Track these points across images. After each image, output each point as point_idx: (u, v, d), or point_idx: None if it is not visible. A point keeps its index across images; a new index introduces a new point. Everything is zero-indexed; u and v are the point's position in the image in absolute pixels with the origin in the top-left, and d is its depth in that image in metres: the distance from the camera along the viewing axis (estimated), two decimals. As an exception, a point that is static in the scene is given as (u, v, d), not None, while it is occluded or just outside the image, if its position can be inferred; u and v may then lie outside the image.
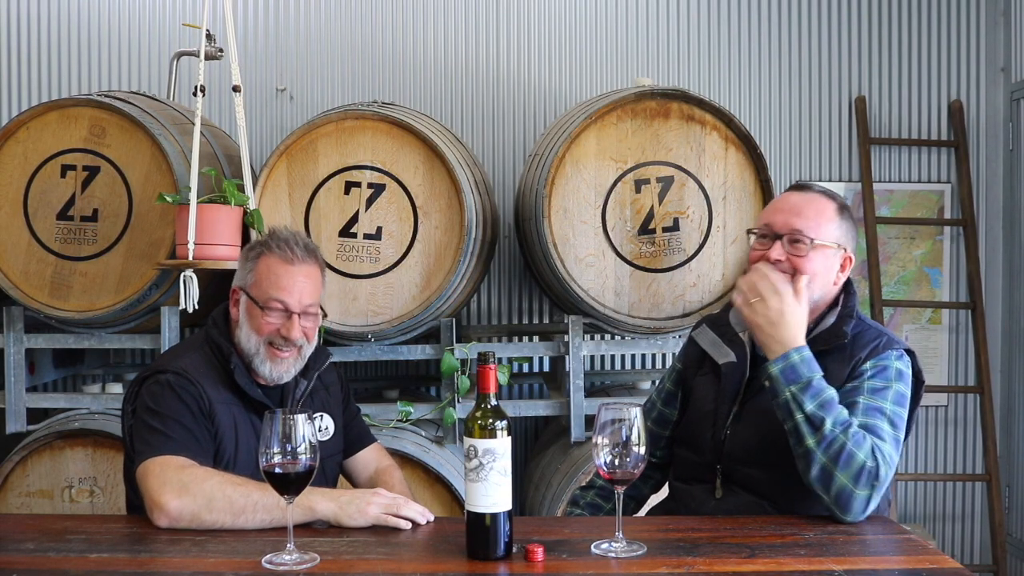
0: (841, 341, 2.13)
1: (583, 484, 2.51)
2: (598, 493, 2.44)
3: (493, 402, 1.77)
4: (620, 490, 1.82)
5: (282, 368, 2.25)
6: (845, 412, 1.98)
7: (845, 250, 2.19)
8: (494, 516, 1.75)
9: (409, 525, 1.98)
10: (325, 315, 2.37)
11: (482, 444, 1.74)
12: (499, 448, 1.74)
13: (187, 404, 2.13)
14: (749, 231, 2.27)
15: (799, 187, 2.26)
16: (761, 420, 2.12)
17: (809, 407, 1.96)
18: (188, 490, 1.95)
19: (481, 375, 1.79)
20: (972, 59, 4.32)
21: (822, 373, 2.02)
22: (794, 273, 2.12)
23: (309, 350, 2.30)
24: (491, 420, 1.74)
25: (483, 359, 1.79)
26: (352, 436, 2.51)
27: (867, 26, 4.29)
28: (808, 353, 2.03)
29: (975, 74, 4.32)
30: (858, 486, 1.92)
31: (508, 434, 1.75)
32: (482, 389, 1.78)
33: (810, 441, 1.95)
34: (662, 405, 2.42)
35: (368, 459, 2.52)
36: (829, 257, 2.16)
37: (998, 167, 4.32)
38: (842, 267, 2.20)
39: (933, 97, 4.33)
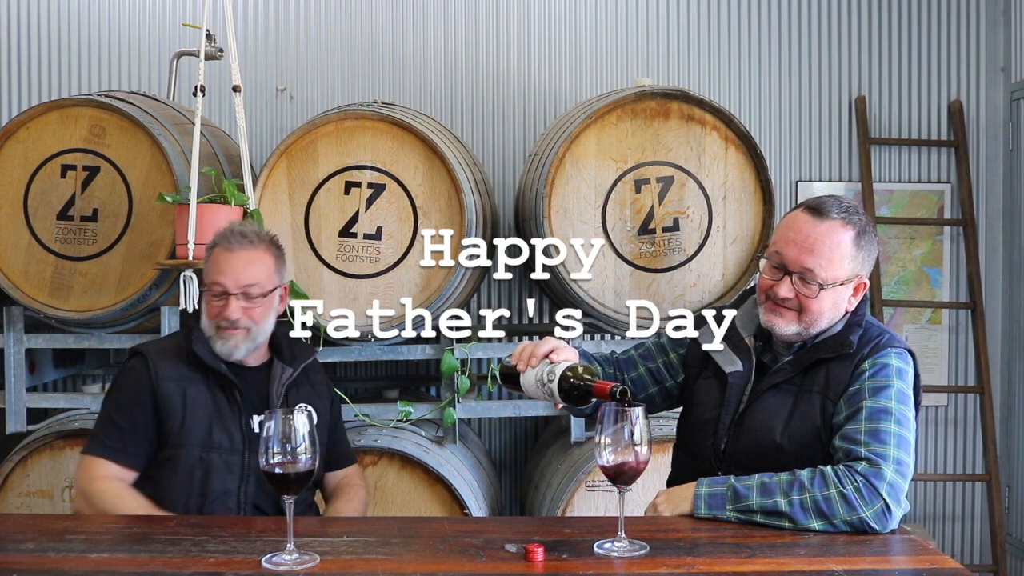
0: (847, 351, 2.08)
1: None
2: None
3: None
4: (623, 489, 1.82)
5: (231, 344, 2.39)
6: (783, 474, 1.96)
7: (860, 276, 2.11)
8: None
9: None
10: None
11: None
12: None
13: (127, 394, 2.38)
14: (759, 255, 2.17)
15: (817, 211, 2.08)
16: (761, 427, 2.10)
17: (756, 506, 1.94)
18: (91, 503, 2.31)
19: (599, 389, 1.87)
20: (972, 59, 4.32)
21: (727, 478, 2.00)
22: (800, 311, 2.08)
23: (260, 331, 2.41)
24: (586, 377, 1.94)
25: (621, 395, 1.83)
26: (337, 451, 2.60)
27: (867, 26, 4.29)
28: (704, 489, 2.00)
29: (975, 74, 4.32)
30: (861, 511, 1.89)
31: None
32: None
33: (788, 523, 1.92)
34: (664, 377, 2.32)
35: (342, 475, 2.62)
36: (840, 292, 2.09)
37: (998, 167, 4.32)
38: (855, 292, 2.12)
39: (933, 97, 4.32)
